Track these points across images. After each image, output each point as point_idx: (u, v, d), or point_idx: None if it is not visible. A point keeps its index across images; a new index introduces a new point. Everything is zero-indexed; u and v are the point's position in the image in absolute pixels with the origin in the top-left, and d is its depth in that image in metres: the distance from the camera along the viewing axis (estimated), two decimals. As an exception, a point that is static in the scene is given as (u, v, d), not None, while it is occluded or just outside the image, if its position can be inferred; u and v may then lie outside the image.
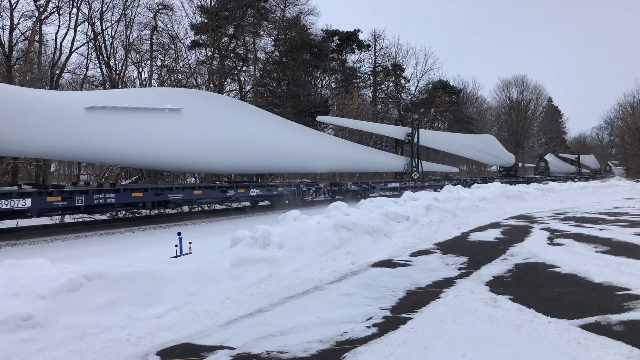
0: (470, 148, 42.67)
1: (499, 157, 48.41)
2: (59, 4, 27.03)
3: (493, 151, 46.56)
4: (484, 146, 44.58)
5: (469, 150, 42.93)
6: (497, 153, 47.53)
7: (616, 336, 4.53)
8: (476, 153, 44.13)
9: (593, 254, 8.94)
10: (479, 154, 44.73)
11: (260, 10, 39.17)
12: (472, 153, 43.85)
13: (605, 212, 17.83)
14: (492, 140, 48.17)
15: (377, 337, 4.71)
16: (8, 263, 5.82)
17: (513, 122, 78.39)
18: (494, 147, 47.00)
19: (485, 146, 45.00)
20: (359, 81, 54.66)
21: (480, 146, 44.01)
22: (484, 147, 44.66)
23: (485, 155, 45.85)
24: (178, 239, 8.08)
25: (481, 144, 44.49)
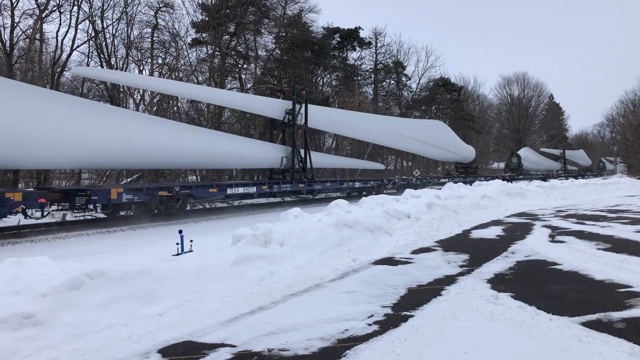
0: (407, 137, 32.16)
1: (453, 150, 38.67)
2: (60, 2, 27.06)
3: (443, 142, 36.56)
4: (429, 135, 34.61)
5: (404, 140, 32.31)
6: (449, 145, 37.71)
7: (618, 333, 4.52)
8: (417, 144, 33.73)
9: (594, 251, 8.94)
10: (422, 146, 34.44)
11: (261, 8, 39.09)
12: (409, 144, 33.40)
13: (606, 209, 17.82)
14: (441, 128, 38.25)
15: (379, 334, 4.71)
16: (9, 261, 5.82)
17: (514, 120, 78.32)
18: (444, 138, 37.13)
19: (432, 136, 35.01)
20: (360, 79, 54.55)
21: (424, 135, 34.00)
22: (430, 136, 34.73)
23: (431, 148, 35.53)
24: (179, 236, 8.08)
25: (425, 133, 34.36)
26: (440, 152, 37.48)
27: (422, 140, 33.48)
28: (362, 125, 28.99)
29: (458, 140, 40.46)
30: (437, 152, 37.02)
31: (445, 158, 41.10)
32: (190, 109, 35.35)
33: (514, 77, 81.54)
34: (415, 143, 33.28)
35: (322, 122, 26.34)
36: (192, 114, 34.99)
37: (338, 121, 27.67)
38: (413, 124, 35.29)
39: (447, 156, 39.58)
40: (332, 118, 27.30)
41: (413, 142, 32.89)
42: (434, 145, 35.00)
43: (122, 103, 31.80)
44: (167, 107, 33.28)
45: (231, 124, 37.78)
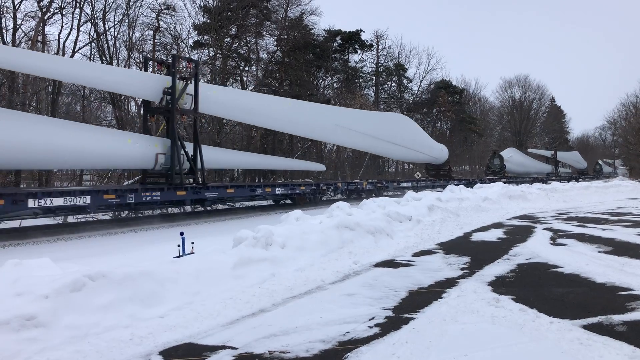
0: (357, 133, 26.16)
1: (419, 149, 32.59)
2: (62, 5, 27.07)
3: (407, 140, 30.64)
4: (387, 131, 28.61)
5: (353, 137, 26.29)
6: (414, 143, 31.80)
7: (619, 336, 4.52)
8: (371, 142, 27.81)
9: (596, 254, 8.93)
10: (378, 144, 28.54)
11: (263, 10, 39.16)
12: (359, 141, 27.36)
13: (608, 212, 17.80)
14: (404, 123, 31.64)
15: (380, 337, 4.71)
16: (11, 263, 5.84)
17: (516, 122, 78.32)
18: (408, 135, 30.98)
19: (391, 132, 28.97)
20: (362, 81, 54.60)
21: (381, 131, 27.96)
22: (389, 132, 28.72)
23: (391, 147, 29.64)
24: (181, 239, 8.09)
25: (383, 128, 28.29)
26: (403, 152, 31.37)
27: (378, 136, 27.38)
28: (288, 116, 22.23)
29: (426, 137, 34.86)
30: (399, 151, 31.04)
31: (410, 158, 36.03)
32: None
33: (516, 79, 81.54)
34: (369, 140, 27.02)
35: (223, 108, 19.69)
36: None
37: (248, 108, 20.28)
38: (366, 117, 28.37)
39: (412, 156, 33.72)
40: (238, 103, 20.14)
41: (365, 139, 26.62)
42: (395, 143, 28.98)
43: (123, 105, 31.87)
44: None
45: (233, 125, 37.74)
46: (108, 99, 31.89)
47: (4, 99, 23.01)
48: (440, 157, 37.31)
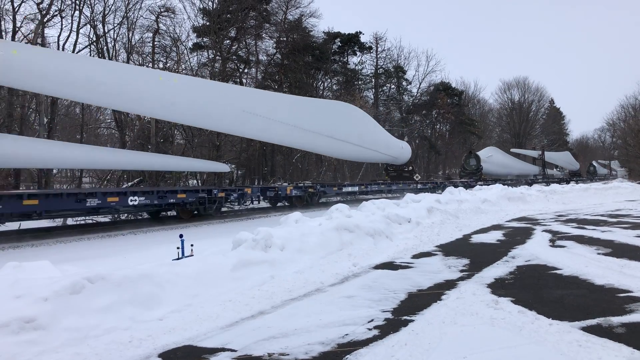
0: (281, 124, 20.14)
1: (372, 146, 26.80)
2: (62, 7, 27.12)
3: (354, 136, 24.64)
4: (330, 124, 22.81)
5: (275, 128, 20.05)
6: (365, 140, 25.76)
7: (617, 338, 4.53)
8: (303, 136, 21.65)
9: (595, 256, 8.94)
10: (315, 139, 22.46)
11: (262, 12, 39.22)
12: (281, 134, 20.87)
13: (607, 214, 17.81)
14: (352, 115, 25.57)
15: (379, 339, 4.72)
16: (11, 265, 5.84)
17: (515, 124, 78.48)
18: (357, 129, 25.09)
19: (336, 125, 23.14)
20: (361, 83, 54.69)
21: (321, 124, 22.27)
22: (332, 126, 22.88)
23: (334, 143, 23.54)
24: (180, 241, 8.10)
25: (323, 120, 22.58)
26: (349, 149, 24.91)
27: (312, 129, 21.15)
28: (163, 96, 15.79)
29: (381, 132, 28.71)
30: (344, 148, 24.42)
31: (360, 158, 29.08)
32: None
33: (515, 81, 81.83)
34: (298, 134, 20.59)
35: (32, 78, 12.99)
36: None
37: (84, 80, 13.78)
38: (299, 104, 21.74)
39: (364, 155, 27.32)
40: (62, 71, 13.38)
41: (292, 131, 20.29)
42: (337, 138, 22.74)
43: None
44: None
45: None
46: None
47: (3, 101, 23.03)
48: (401, 157, 32.14)
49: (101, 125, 37.43)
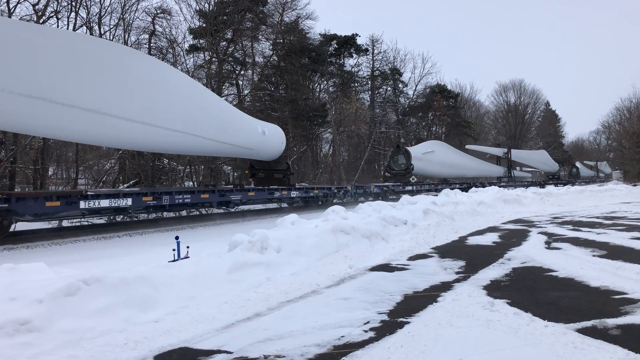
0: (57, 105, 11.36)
1: (216, 137, 17.81)
2: (58, 9, 27.10)
3: (186, 122, 15.78)
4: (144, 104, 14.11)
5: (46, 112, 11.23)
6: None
7: (612, 340, 4.54)
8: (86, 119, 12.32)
9: (590, 257, 8.96)
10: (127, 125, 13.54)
11: (259, 14, 39.26)
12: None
13: (602, 216, 17.87)
14: (159, 78, 14.97)
15: (375, 341, 4.71)
16: (5, 267, 5.82)
17: (511, 127, 78.80)
18: (192, 111, 16.18)
19: (153, 105, 14.47)
20: (357, 85, 54.80)
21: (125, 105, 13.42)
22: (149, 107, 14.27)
23: (153, 131, 14.57)
24: (176, 243, 8.08)
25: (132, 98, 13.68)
26: (186, 140, 16.08)
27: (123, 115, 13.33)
28: None
29: (227, 111, 19.42)
30: (176, 140, 15.75)
31: (204, 151, 19.49)
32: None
33: (511, 84, 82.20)
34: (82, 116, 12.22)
35: None
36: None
37: None
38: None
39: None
40: None
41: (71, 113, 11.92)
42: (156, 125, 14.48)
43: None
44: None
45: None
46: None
47: None
48: (269, 151, 22.08)
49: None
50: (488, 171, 49.92)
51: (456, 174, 42.57)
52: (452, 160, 41.13)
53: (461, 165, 43.02)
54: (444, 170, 40.16)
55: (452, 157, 41.45)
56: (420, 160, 35.44)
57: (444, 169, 39.90)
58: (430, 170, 38.45)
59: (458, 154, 44.14)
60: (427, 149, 37.58)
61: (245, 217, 20.74)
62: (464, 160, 44.59)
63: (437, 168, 38.78)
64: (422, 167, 36.29)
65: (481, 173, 48.58)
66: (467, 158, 46.24)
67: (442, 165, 39.15)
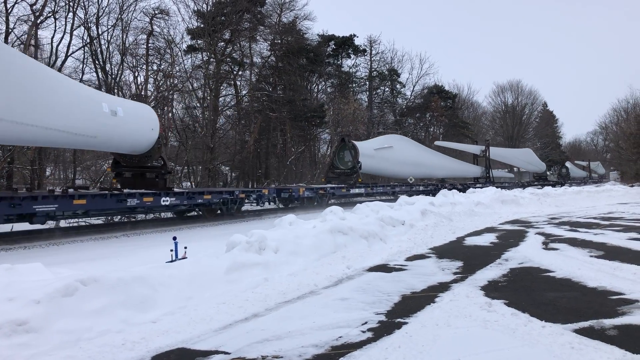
0: None
1: (53, 125, 12.52)
2: (55, 9, 27.03)
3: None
4: None
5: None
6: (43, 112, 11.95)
7: (610, 340, 4.55)
8: None
9: (587, 258, 8.98)
10: None
11: (257, 15, 39.23)
12: None
13: (599, 216, 17.90)
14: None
15: (372, 341, 4.72)
16: (3, 267, 5.81)
17: (508, 127, 78.83)
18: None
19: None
20: (355, 86, 54.79)
21: None
22: None
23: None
24: (173, 243, 8.07)
25: None
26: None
27: None
28: None
29: (58, 81, 13.84)
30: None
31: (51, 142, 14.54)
32: (185, 115, 35.37)
33: (508, 84, 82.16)
34: None
35: None
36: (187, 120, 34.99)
37: None
38: None
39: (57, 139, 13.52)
40: None
41: None
42: None
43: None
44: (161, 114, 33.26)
45: (226, 130, 37.76)
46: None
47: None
48: (128, 140, 16.45)
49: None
50: (463, 171, 44.54)
51: (422, 173, 37.25)
52: (416, 158, 35.72)
53: (429, 164, 37.97)
54: (406, 170, 34.10)
55: (415, 155, 36.12)
56: (373, 158, 30.17)
57: (406, 167, 34.07)
58: (386, 169, 33.17)
59: (425, 151, 39.55)
60: (382, 144, 32.42)
61: (243, 217, 20.74)
62: (432, 158, 39.55)
63: (395, 167, 33.32)
64: (376, 166, 31.28)
65: (455, 173, 43.11)
66: (436, 156, 41.10)
67: (402, 164, 33.66)
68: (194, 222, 18.36)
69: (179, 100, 35.41)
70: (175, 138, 34.10)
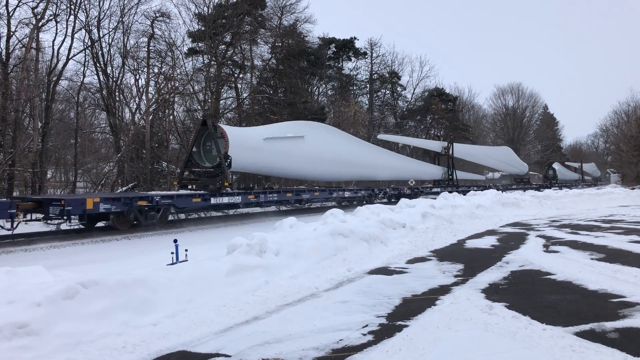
0: None
1: None
2: (57, 12, 27.07)
3: None
4: None
5: None
6: None
7: (611, 343, 4.54)
8: None
9: (588, 261, 8.98)
10: None
11: (257, 18, 39.27)
12: None
13: (600, 219, 17.89)
14: None
15: (373, 344, 4.71)
16: (4, 270, 5.81)
17: (509, 130, 78.87)
18: None
19: None
20: (356, 88, 54.88)
21: None
22: None
23: None
24: (174, 246, 8.07)
25: None
26: None
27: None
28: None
29: None
30: None
31: None
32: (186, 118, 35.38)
33: (509, 87, 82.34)
34: None
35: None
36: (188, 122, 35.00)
37: None
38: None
39: None
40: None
41: None
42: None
43: (117, 112, 31.78)
44: (162, 117, 33.30)
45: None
46: (102, 106, 31.78)
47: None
48: None
49: (96, 130, 37.36)
50: (418, 172, 34.98)
51: (356, 174, 28.36)
52: (344, 155, 25.90)
53: (365, 163, 28.08)
54: (327, 169, 25.15)
55: (342, 149, 25.96)
56: (260, 151, 20.82)
57: (327, 166, 24.86)
58: (289, 168, 23.24)
59: (359, 145, 29.05)
60: (285, 132, 22.47)
61: (244, 220, 20.73)
62: (369, 155, 29.18)
63: (307, 165, 23.75)
64: (269, 163, 21.84)
65: (405, 174, 32.78)
66: (376, 152, 30.99)
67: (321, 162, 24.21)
68: (195, 224, 18.35)
69: (180, 103, 35.45)
70: (176, 141, 34.10)
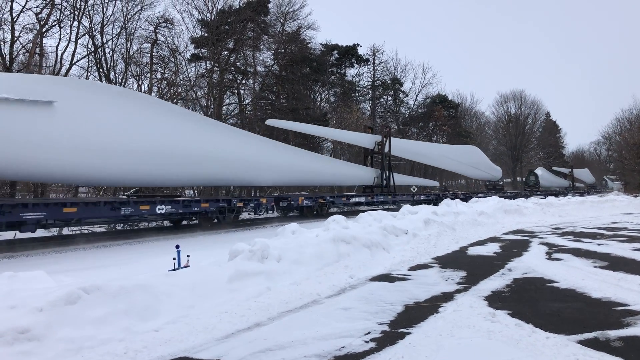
0: None
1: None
2: (60, 17, 27.19)
3: None
4: None
5: None
6: None
7: (615, 352, 4.51)
8: None
9: (591, 269, 8.94)
10: None
11: (260, 24, 39.45)
12: None
13: (603, 227, 17.84)
14: None
15: (375, 351, 4.69)
16: (5, 275, 5.81)
17: (511, 137, 78.73)
18: None
19: None
20: (358, 95, 54.97)
21: None
22: None
23: None
24: (176, 251, 8.06)
25: None
26: None
27: None
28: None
29: None
30: None
31: None
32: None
33: (511, 94, 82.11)
34: None
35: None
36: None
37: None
38: None
39: None
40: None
41: None
42: None
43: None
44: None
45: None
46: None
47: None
48: None
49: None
50: (336, 175, 27.52)
51: (209, 177, 19.23)
52: (146, 142, 15.50)
53: (215, 156, 18.50)
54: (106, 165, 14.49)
55: (144, 128, 15.50)
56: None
57: (112, 160, 14.48)
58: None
59: (200, 126, 18.61)
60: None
61: (246, 226, 20.71)
62: (229, 144, 19.55)
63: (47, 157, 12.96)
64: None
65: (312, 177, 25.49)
66: (246, 141, 21.08)
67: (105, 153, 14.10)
68: (195, 230, 18.34)
69: (183, 109, 35.52)
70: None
